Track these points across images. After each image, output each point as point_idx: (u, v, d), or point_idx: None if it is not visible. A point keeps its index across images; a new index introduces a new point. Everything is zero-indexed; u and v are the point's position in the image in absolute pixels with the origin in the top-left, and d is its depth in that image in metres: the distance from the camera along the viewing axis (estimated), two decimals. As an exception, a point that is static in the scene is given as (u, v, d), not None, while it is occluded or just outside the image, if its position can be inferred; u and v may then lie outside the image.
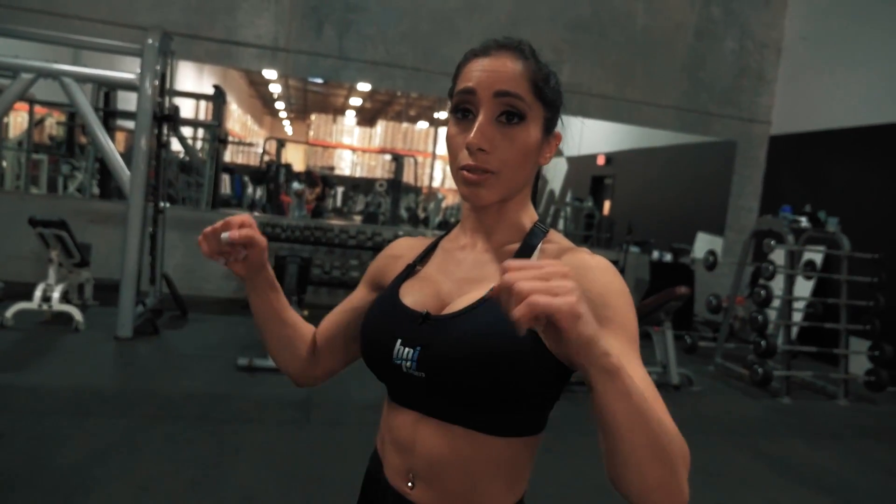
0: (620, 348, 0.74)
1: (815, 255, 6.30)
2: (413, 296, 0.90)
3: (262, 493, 2.76)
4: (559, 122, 0.92)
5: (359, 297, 1.04)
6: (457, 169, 0.86)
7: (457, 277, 0.90)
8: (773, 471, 3.65)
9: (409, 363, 0.83)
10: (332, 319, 1.04)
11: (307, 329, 1.04)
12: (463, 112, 0.86)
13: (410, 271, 0.96)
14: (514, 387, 0.79)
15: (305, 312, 5.70)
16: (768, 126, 7.89)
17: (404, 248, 1.02)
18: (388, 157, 13.60)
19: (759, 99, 7.85)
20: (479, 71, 0.85)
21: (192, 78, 10.49)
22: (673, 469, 0.65)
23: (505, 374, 0.78)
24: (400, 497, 0.88)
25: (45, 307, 4.85)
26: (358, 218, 11.43)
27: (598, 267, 0.81)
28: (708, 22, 7.64)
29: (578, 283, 0.78)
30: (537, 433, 0.87)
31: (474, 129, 0.83)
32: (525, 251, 0.88)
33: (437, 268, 0.94)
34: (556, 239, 0.90)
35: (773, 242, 5.32)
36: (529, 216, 0.92)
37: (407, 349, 0.84)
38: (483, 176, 0.84)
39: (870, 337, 5.39)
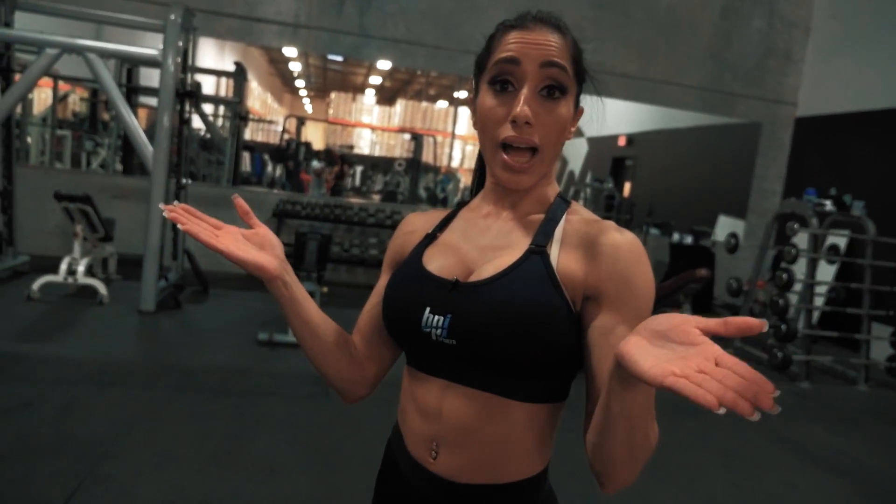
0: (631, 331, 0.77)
1: (840, 239, 6.22)
2: (437, 262, 0.90)
3: (282, 464, 2.82)
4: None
5: (383, 285, 0.99)
6: (496, 144, 0.85)
7: (481, 245, 0.90)
8: (789, 454, 3.64)
9: (439, 330, 0.83)
10: (366, 318, 1.00)
11: (344, 335, 0.98)
12: (502, 84, 0.85)
13: (431, 239, 0.95)
14: (545, 354, 0.80)
15: (325, 289, 5.75)
16: (794, 108, 7.74)
17: (418, 222, 1.01)
18: (407, 136, 13.58)
19: (786, 79, 7.71)
20: (521, 41, 0.84)
21: (212, 55, 10.52)
22: (642, 461, 0.74)
23: (537, 341, 0.79)
24: (421, 468, 0.88)
25: (70, 280, 4.94)
26: (377, 197, 11.45)
27: (626, 245, 0.81)
28: (734, 0, 7.49)
29: (604, 259, 0.81)
30: (562, 400, 0.88)
31: (520, 101, 0.82)
32: (549, 223, 0.88)
33: (459, 235, 0.93)
34: (580, 211, 0.91)
35: (796, 226, 5.25)
36: (553, 189, 0.93)
37: (437, 317, 0.84)
38: (527, 163, 0.84)
39: (892, 323, 5.33)
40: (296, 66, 15.27)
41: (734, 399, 0.48)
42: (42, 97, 8.71)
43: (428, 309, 0.85)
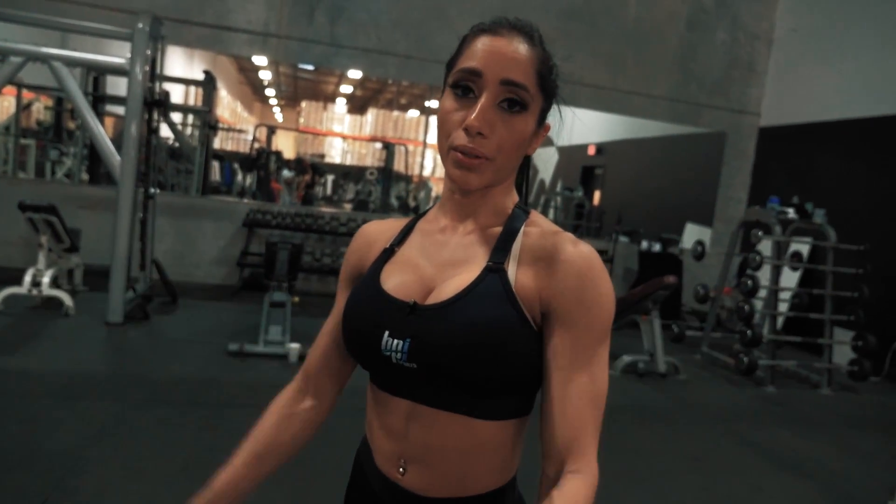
0: (580, 351, 0.79)
1: (802, 246, 6.38)
2: (394, 280, 0.88)
3: (253, 476, 2.79)
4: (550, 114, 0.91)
5: (342, 305, 0.96)
6: (449, 147, 0.83)
7: (439, 261, 0.88)
8: (756, 457, 3.72)
9: (398, 354, 0.81)
10: (322, 343, 1.00)
11: (281, 424, 1.07)
12: (463, 89, 0.83)
13: (389, 254, 0.92)
14: (507, 373, 0.80)
15: (296, 299, 5.72)
16: (758, 118, 7.94)
17: (375, 232, 0.98)
18: (378, 145, 13.56)
19: (750, 90, 7.90)
20: (488, 51, 0.81)
21: (181, 63, 10.42)
22: None
23: (499, 362, 0.79)
24: (390, 483, 0.88)
25: (35, 292, 4.83)
26: (348, 206, 11.41)
27: (578, 260, 0.80)
28: (700, 12, 7.66)
29: (557, 275, 0.81)
30: (527, 414, 0.88)
31: (476, 110, 0.80)
32: (507, 236, 0.86)
33: (417, 250, 0.91)
34: (539, 221, 0.89)
35: (760, 233, 5.38)
36: (511, 199, 0.91)
37: (396, 341, 0.82)
38: (477, 161, 0.81)
39: (854, 327, 5.47)
40: (266, 75, 15.18)
41: None
42: (5, 105, 8.54)
43: (387, 332, 0.83)
